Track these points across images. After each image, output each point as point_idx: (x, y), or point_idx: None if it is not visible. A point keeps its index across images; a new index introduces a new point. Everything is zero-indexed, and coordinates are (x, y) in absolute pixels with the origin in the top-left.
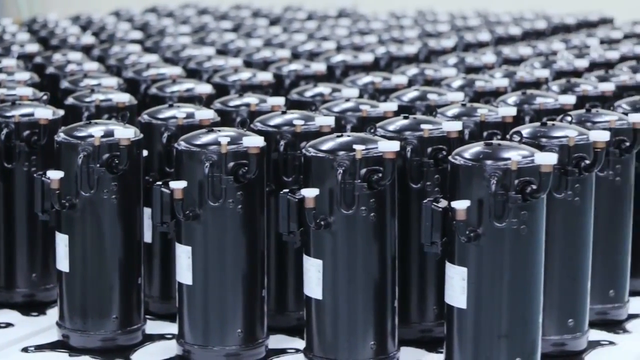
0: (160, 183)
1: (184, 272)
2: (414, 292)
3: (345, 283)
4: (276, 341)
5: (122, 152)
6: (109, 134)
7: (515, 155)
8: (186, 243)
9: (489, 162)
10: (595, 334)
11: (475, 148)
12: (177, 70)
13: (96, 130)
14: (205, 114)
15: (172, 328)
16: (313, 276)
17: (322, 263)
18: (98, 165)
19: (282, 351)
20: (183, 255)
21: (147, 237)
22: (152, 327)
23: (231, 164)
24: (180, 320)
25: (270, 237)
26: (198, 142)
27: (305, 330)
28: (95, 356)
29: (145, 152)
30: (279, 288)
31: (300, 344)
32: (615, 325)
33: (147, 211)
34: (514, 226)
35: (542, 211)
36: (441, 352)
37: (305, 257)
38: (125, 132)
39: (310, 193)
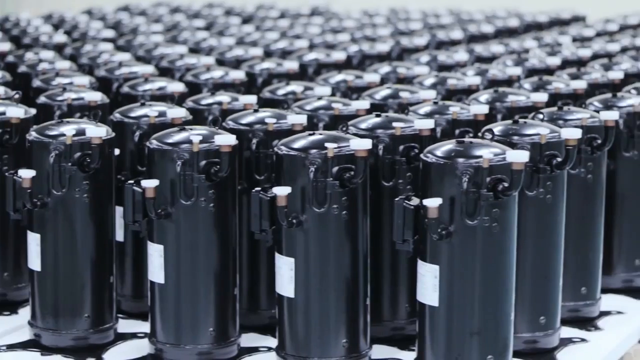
0: (132, 181)
1: (156, 271)
2: (386, 290)
3: (317, 281)
4: (248, 339)
5: (93, 150)
6: (80, 132)
7: (487, 153)
8: (158, 242)
9: (460, 160)
10: (567, 331)
11: (447, 146)
12: (149, 69)
13: (68, 129)
14: (177, 113)
15: (144, 327)
16: (285, 274)
17: (294, 261)
18: (70, 164)
19: (255, 349)
20: (155, 253)
21: (119, 236)
22: (124, 325)
23: (203, 163)
24: (153, 319)
25: (243, 235)
26: (170, 141)
27: (278, 328)
28: (67, 355)
29: (117, 151)
30: (251, 286)
31: (273, 342)
32: (587, 323)
33: (119, 210)
34: (486, 224)
35: (513, 209)
36: (413, 350)
37: (277, 256)
38: (97, 131)
39: (282, 191)
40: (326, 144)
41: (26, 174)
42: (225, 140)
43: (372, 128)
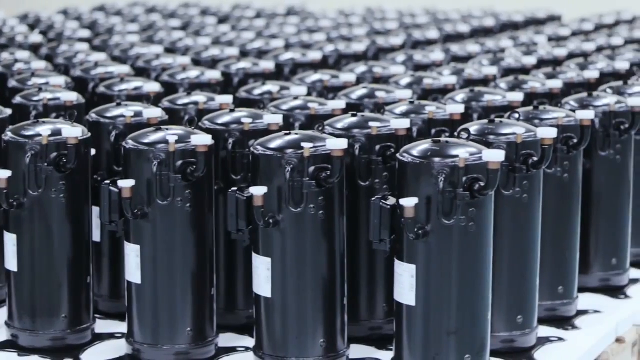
0: (108, 182)
1: (133, 271)
2: (363, 290)
3: (294, 281)
4: (226, 339)
5: (70, 151)
6: (56, 132)
7: (463, 152)
8: (135, 242)
9: (437, 159)
10: (544, 331)
11: (423, 145)
12: (125, 69)
13: (44, 129)
14: (153, 113)
15: (121, 327)
16: (262, 274)
17: (271, 261)
18: (46, 164)
19: (232, 349)
20: (132, 254)
21: (96, 236)
22: (102, 326)
23: (179, 163)
24: (130, 319)
25: (219, 235)
26: (146, 141)
27: (255, 328)
28: (45, 356)
29: (93, 151)
30: (228, 286)
31: (250, 342)
32: (564, 322)
33: (95, 210)
34: (462, 223)
35: (490, 208)
36: (391, 350)
37: (254, 255)
38: (73, 131)
39: (258, 191)
40: (302, 144)
41: (2, 174)
42: (202, 140)
43: (348, 128)
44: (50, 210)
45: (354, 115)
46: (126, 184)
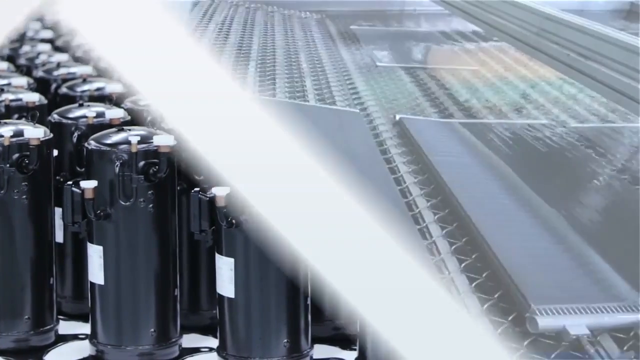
0: (71, 183)
1: (96, 272)
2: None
3: (257, 281)
4: (189, 340)
5: (32, 152)
6: (18, 133)
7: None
8: (98, 243)
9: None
10: None
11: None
12: (87, 70)
13: (6, 130)
14: (116, 113)
15: (85, 328)
16: (225, 275)
17: (234, 261)
18: (8, 165)
19: (196, 350)
20: (95, 255)
21: (59, 237)
22: (65, 327)
23: (142, 163)
24: (93, 320)
25: (182, 236)
26: (108, 142)
27: (219, 329)
28: (8, 357)
29: (55, 152)
30: (191, 287)
31: (214, 342)
32: None
33: (58, 211)
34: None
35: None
36: (355, 350)
37: (217, 256)
38: (35, 132)
39: (221, 192)
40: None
41: None
42: (164, 140)
43: None
44: (13, 212)
45: None
46: (89, 184)
